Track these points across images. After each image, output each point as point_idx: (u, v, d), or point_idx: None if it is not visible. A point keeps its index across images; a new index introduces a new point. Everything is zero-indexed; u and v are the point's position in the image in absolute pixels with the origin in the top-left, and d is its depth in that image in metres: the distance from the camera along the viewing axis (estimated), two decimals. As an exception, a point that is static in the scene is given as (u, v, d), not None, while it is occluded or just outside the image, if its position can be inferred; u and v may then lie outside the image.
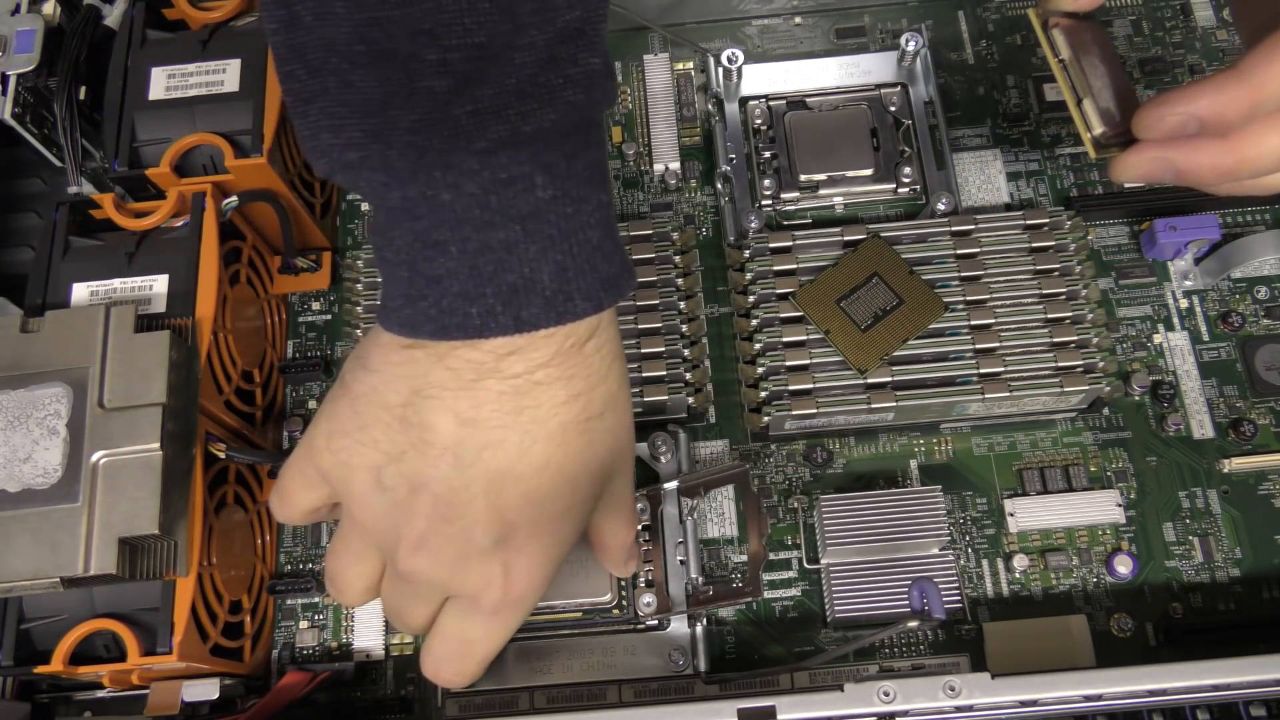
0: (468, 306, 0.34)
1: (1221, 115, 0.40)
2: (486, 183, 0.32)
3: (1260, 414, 0.54)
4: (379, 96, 0.32)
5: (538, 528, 0.38)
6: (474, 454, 0.36)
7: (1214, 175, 0.42)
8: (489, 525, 0.37)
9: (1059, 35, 0.46)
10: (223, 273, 0.49)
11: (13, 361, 0.44)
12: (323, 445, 0.39)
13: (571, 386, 0.36)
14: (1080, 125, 0.45)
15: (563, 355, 0.36)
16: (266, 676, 0.51)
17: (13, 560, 0.40)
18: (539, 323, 0.34)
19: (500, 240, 0.33)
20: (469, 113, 0.31)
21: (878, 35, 0.63)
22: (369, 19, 0.31)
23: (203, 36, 0.53)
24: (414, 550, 0.37)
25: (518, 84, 0.32)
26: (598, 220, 0.35)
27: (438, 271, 0.34)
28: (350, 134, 0.32)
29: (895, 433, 0.54)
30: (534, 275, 0.34)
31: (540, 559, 0.38)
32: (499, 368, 0.35)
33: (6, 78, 0.53)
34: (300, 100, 0.33)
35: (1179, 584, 0.51)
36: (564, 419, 0.36)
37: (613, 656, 0.49)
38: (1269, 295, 0.56)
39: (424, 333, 0.35)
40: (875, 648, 0.50)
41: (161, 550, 0.43)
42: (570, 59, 0.32)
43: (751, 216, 0.56)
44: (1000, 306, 0.51)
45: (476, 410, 0.35)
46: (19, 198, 0.59)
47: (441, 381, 0.35)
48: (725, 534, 0.52)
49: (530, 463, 0.36)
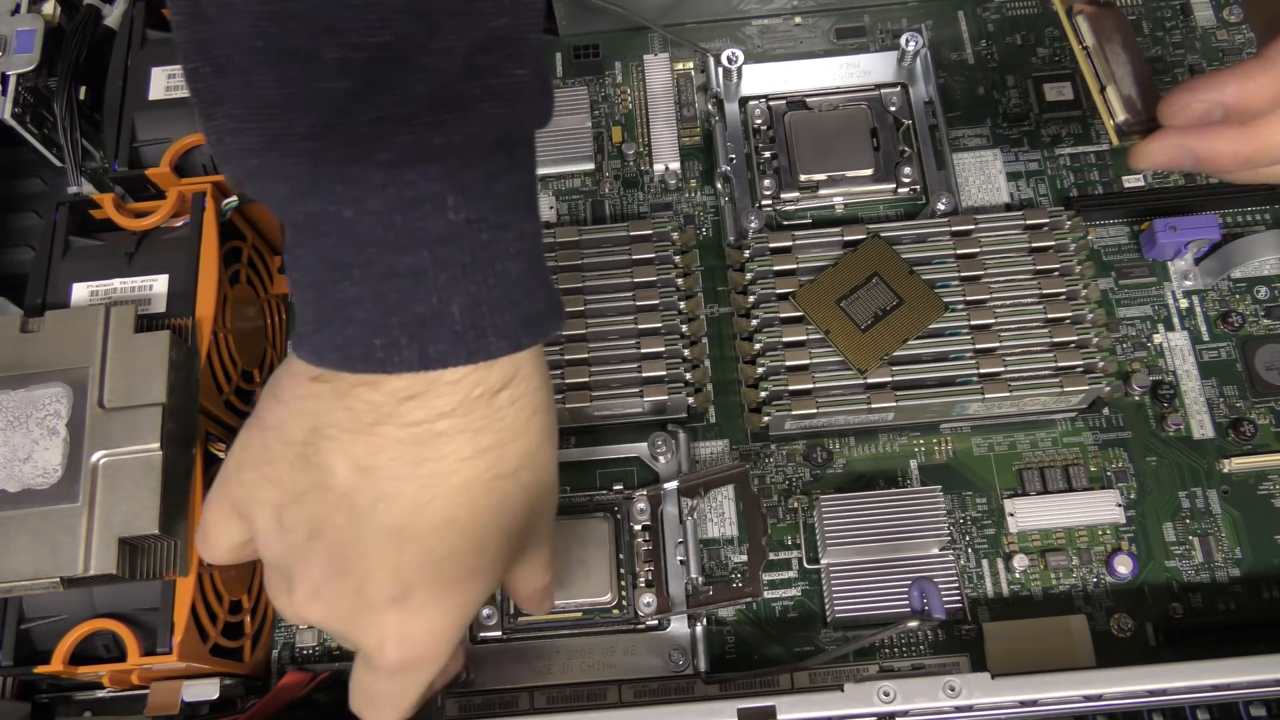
0: (372, 337, 0.31)
1: (1247, 103, 0.40)
2: (392, 200, 0.29)
3: (1260, 414, 0.54)
4: (279, 98, 0.29)
5: (437, 589, 0.35)
6: (369, 504, 0.33)
7: (1233, 162, 0.42)
8: (383, 584, 0.34)
9: (1083, 22, 0.46)
10: (223, 273, 0.49)
11: (13, 361, 0.44)
12: (234, 477, 0.36)
13: (478, 441, 0.33)
14: (1103, 112, 0.46)
15: (469, 404, 0.32)
16: (266, 676, 0.51)
17: (13, 560, 0.40)
18: (447, 359, 0.31)
19: (407, 266, 0.30)
20: (370, 120, 0.28)
21: (878, 35, 0.63)
22: (266, 12, 0.28)
23: (203, 36, 0.53)
24: (309, 599, 0.35)
25: (429, 92, 0.29)
26: (519, 250, 0.32)
27: (343, 296, 0.31)
28: (250, 139, 0.29)
29: (895, 433, 0.54)
30: (443, 307, 0.30)
31: (440, 623, 0.35)
32: (398, 413, 0.32)
33: (6, 78, 0.53)
34: (206, 101, 0.30)
35: (1179, 584, 0.51)
36: (468, 475, 0.33)
37: (613, 656, 0.49)
38: (1269, 295, 0.56)
39: (329, 362, 0.32)
40: (875, 648, 0.50)
41: (161, 550, 0.43)
42: (492, 68, 0.29)
43: (751, 216, 0.56)
44: (1000, 306, 0.51)
45: (373, 457, 0.33)
46: (19, 198, 0.59)
47: (340, 422, 0.33)
48: (725, 534, 0.52)
49: (429, 520, 0.33)
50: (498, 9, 0.29)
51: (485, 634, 0.49)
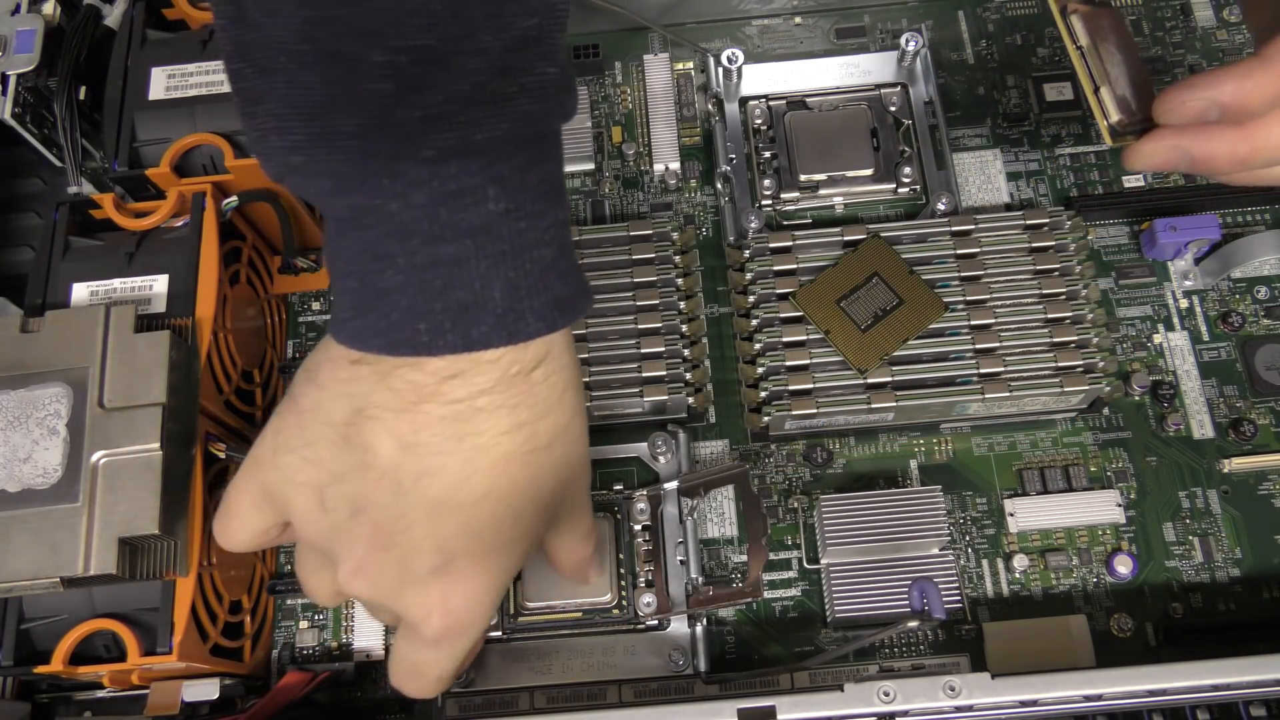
0: (416, 322, 0.32)
1: (1244, 102, 0.40)
2: (435, 194, 0.31)
3: (1260, 414, 0.54)
4: (325, 99, 0.30)
5: (477, 558, 0.37)
6: (413, 480, 0.35)
7: (1229, 163, 0.42)
8: (427, 554, 0.36)
9: (1077, 22, 0.46)
10: (223, 273, 0.49)
11: (13, 361, 0.44)
12: (268, 460, 0.37)
13: (516, 415, 0.35)
14: (1097, 113, 0.45)
15: (507, 382, 0.34)
16: (266, 676, 0.51)
17: (13, 560, 0.40)
18: (489, 341, 0.33)
19: (450, 255, 0.32)
20: (416, 118, 0.30)
21: (878, 35, 0.63)
22: (315, 16, 0.30)
23: (203, 36, 0.53)
24: (353, 575, 0.37)
25: (468, 90, 0.30)
26: (552, 238, 0.34)
27: (386, 285, 0.32)
28: (296, 137, 0.31)
29: (895, 433, 0.54)
30: (484, 292, 0.32)
31: (480, 590, 0.37)
32: (440, 391, 0.34)
33: (6, 78, 0.53)
34: (248, 101, 0.31)
35: (1179, 584, 0.51)
36: (507, 448, 0.35)
37: (613, 656, 0.49)
38: (1269, 295, 0.56)
39: (372, 346, 0.33)
40: (875, 648, 0.50)
41: (161, 550, 0.43)
42: (525, 67, 0.31)
43: (751, 216, 0.56)
44: (1000, 306, 0.51)
45: (416, 434, 0.34)
46: (19, 198, 0.59)
47: (383, 402, 0.34)
48: (725, 534, 0.52)
49: (470, 492, 0.35)
50: (526, 10, 0.31)
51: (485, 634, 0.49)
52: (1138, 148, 0.44)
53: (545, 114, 0.32)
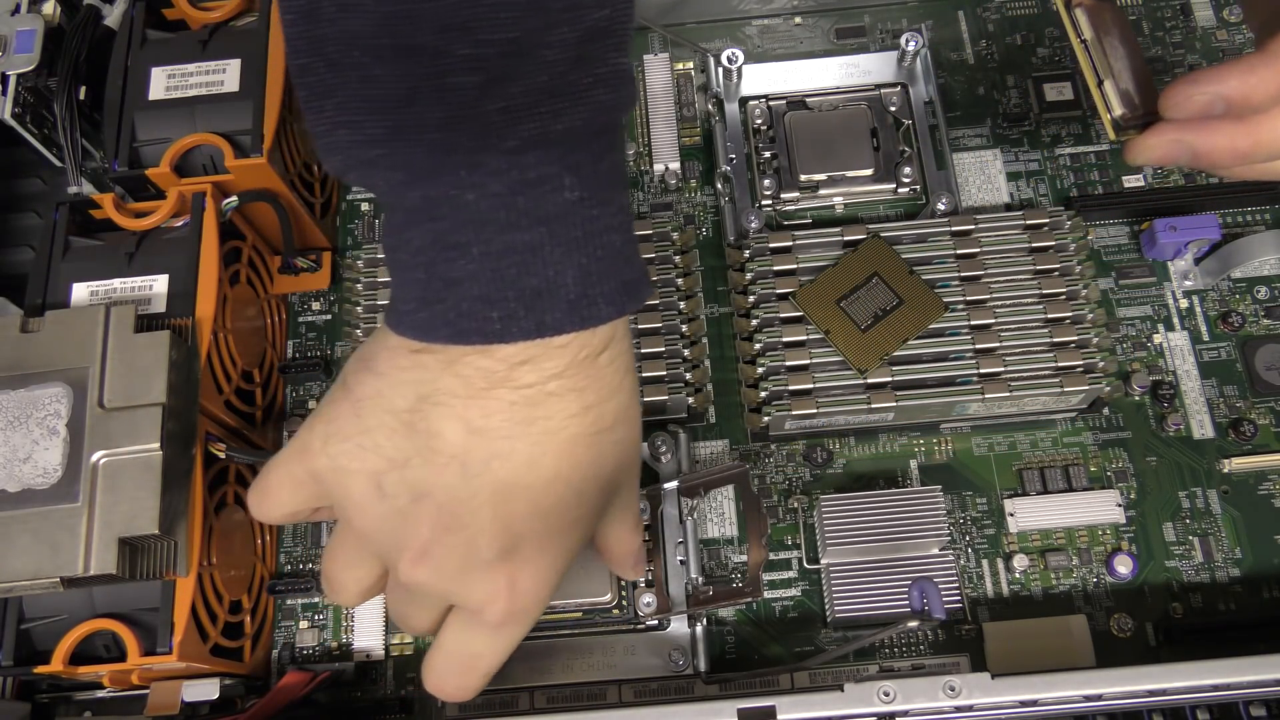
0: (488, 310, 0.33)
1: (1249, 97, 0.40)
2: (514, 182, 0.32)
3: (1260, 414, 0.54)
4: (404, 92, 0.31)
5: (544, 540, 0.37)
6: (482, 464, 0.35)
7: (1230, 157, 0.42)
8: (494, 536, 0.36)
9: (1082, 15, 0.46)
10: (223, 273, 0.49)
11: (13, 361, 0.44)
12: (319, 448, 0.37)
13: (584, 398, 0.35)
14: (1100, 107, 0.46)
15: (576, 366, 0.35)
16: (266, 676, 0.51)
17: (13, 560, 0.40)
18: (562, 327, 0.33)
19: (525, 242, 0.32)
20: (500, 109, 0.31)
21: (878, 35, 0.63)
22: (398, 11, 0.30)
23: (203, 36, 0.53)
24: (416, 560, 0.36)
25: (548, 81, 0.31)
26: (620, 223, 0.34)
27: (457, 274, 0.33)
28: (371, 130, 0.31)
29: (895, 433, 0.54)
30: (558, 278, 0.33)
31: (546, 571, 0.38)
32: (511, 377, 0.34)
33: (6, 78, 0.53)
34: (316, 95, 0.32)
35: (1179, 584, 0.51)
36: (575, 431, 0.36)
37: (613, 656, 0.49)
38: (1269, 295, 0.56)
39: (439, 337, 0.34)
40: (875, 648, 0.50)
41: (161, 550, 0.43)
42: (599, 58, 0.32)
43: (751, 216, 0.56)
44: (1000, 306, 0.51)
45: (486, 420, 0.35)
46: (19, 198, 0.59)
47: (451, 389, 0.34)
48: (725, 534, 0.52)
49: (539, 475, 0.36)
50: (599, 2, 0.31)
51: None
52: (1140, 142, 0.44)
53: (617, 103, 0.33)
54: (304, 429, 0.38)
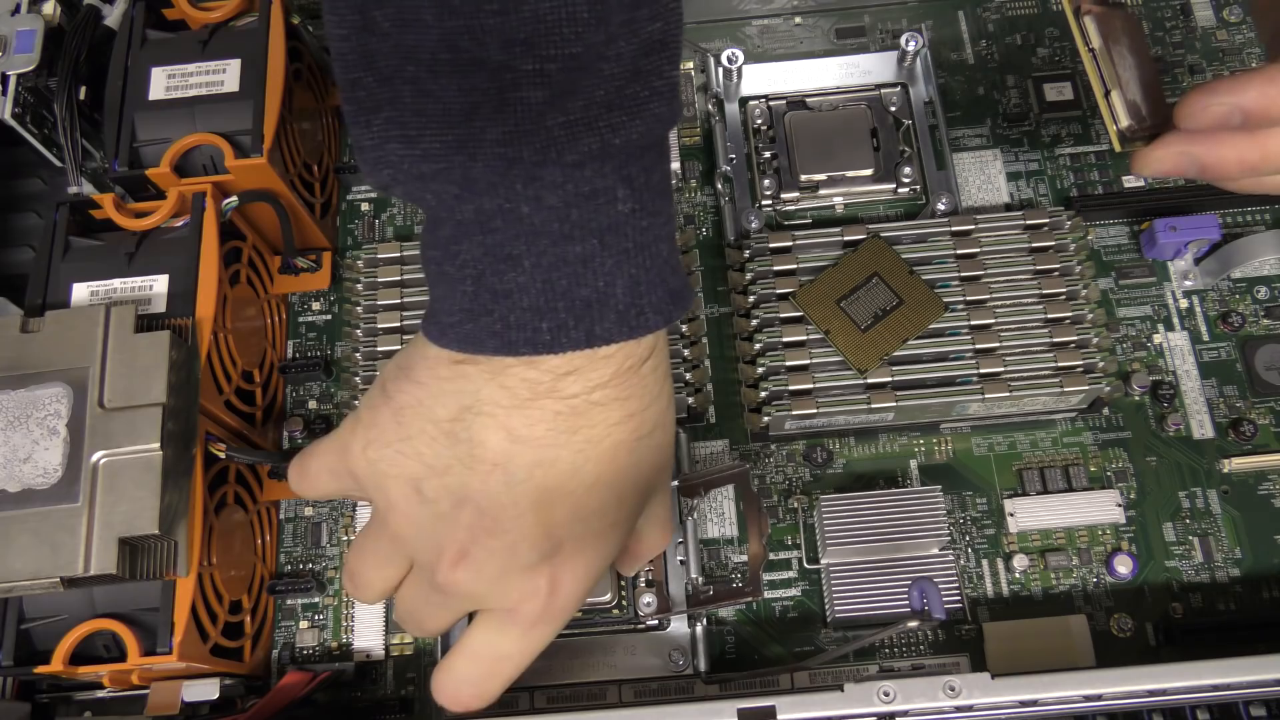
0: (538, 321, 0.33)
1: (1267, 109, 0.39)
2: (570, 196, 0.31)
3: (1260, 414, 0.54)
4: (465, 106, 0.30)
5: (583, 543, 0.37)
6: (525, 471, 0.35)
7: (1239, 170, 0.41)
8: (536, 541, 0.36)
9: (1090, 23, 0.45)
10: (223, 273, 0.49)
11: (13, 361, 0.44)
12: (358, 452, 0.38)
13: (627, 407, 0.36)
14: (1106, 117, 0.44)
15: (621, 376, 0.35)
16: (266, 676, 0.51)
17: (13, 560, 0.40)
18: (611, 337, 0.33)
19: (577, 254, 0.32)
20: (562, 124, 0.30)
21: (878, 35, 0.63)
22: (462, 26, 0.30)
23: (203, 36, 0.53)
24: (455, 563, 0.37)
25: (605, 95, 0.31)
26: (667, 234, 0.34)
27: (508, 286, 0.33)
28: (427, 145, 0.31)
29: (895, 433, 0.54)
30: (608, 289, 0.33)
31: (584, 573, 0.38)
32: (556, 387, 0.34)
33: (6, 78, 0.53)
34: (364, 109, 0.31)
35: (1179, 584, 0.51)
36: (617, 439, 0.36)
37: (613, 656, 0.49)
38: (1269, 295, 0.56)
39: (486, 349, 0.34)
40: (875, 648, 0.50)
41: (161, 550, 0.43)
42: (655, 71, 0.32)
43: (751, 216, 0.56)
44: (1000, 306, 0.51)
45: (530, 429, 0.35)
46: (19, 198, 0.58)
47: (495, 399, 0.35)
48: (725, 534, 0.52)
49: (581, 481, 0.36)
50: (654, 15, 0.31)
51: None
52: (1148, 153, 0.43)
53: (671, 116, 0.33)
54: (346, 430, 0.39)
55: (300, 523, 0.54)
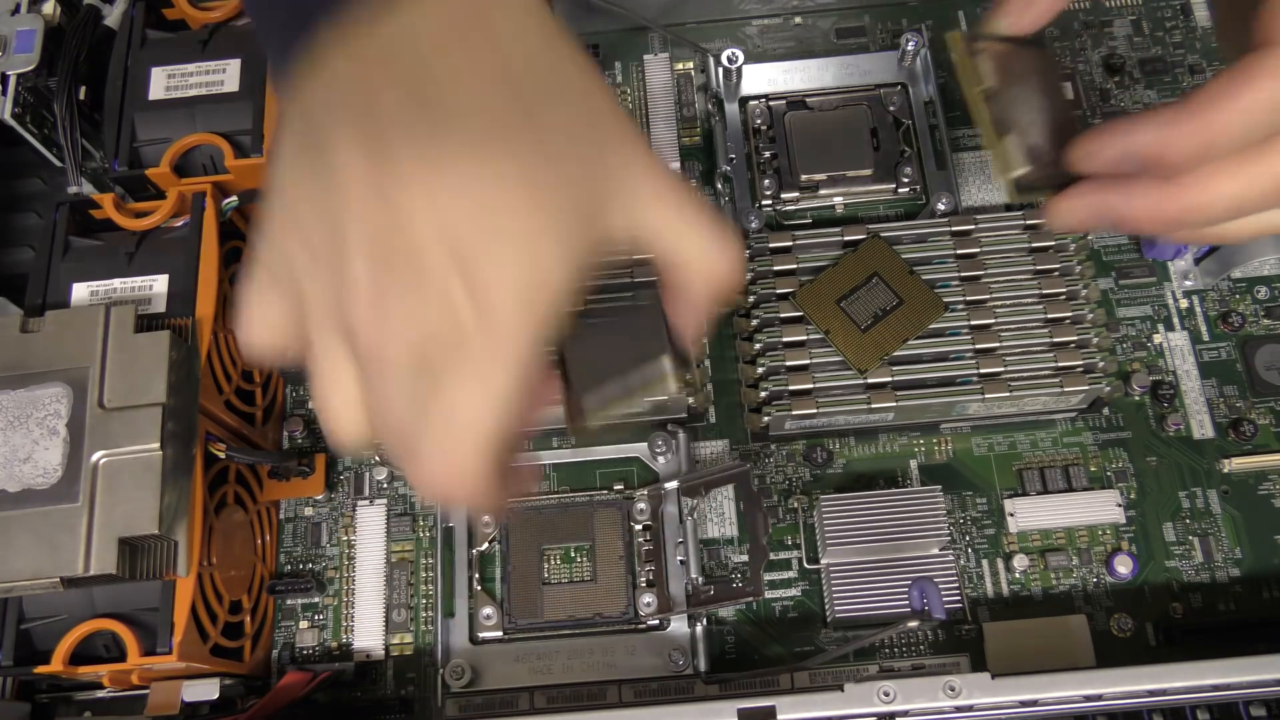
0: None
1: (1164, 154, 0.35)
2: None
3: (1260, 414, 0.54)
4: None
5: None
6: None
7: (1156, 223, 0.37)
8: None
9: (987, 62, 0.39)
10: (223, 273, 0.49)
11: (13, 361, 0.44)
12: (261, 254, 0.32)
13: None
14: (996, 165, 0.40)
15: None
16: (266, 676, 0.51)
17: (13, 560, 0.40)
18: None
19: None
20: None
21: (878, 35, 0.63)
22: None
23: (203, 36, 0.53)
24: None
25: None
26: None
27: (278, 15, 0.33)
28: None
29: (895, 433, 0.54)
30: None
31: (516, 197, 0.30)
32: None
33: (6, 78, 0.53)
34: None
35: (1179, 584, 0.51)
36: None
37: (613, 656, 0.49)
38: (1269, 295, 0.56)
39: (319, 42, 0.30)
40: (875, 648, 0.50)
41: (161, 550, 0.43)
42: None
43: (751, 216, 0.56)
44: (1000, 306, 0.51)
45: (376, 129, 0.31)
46: (19, 198, 0.59)
47: (326, 102, 0.31)
48: (725, 534, 0.52)
49: None
50: None
51: (485, 634, 0.49)
52: (1057, 204, 0.38)
53: None
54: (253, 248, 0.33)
55: (300, 523, 0.54)
